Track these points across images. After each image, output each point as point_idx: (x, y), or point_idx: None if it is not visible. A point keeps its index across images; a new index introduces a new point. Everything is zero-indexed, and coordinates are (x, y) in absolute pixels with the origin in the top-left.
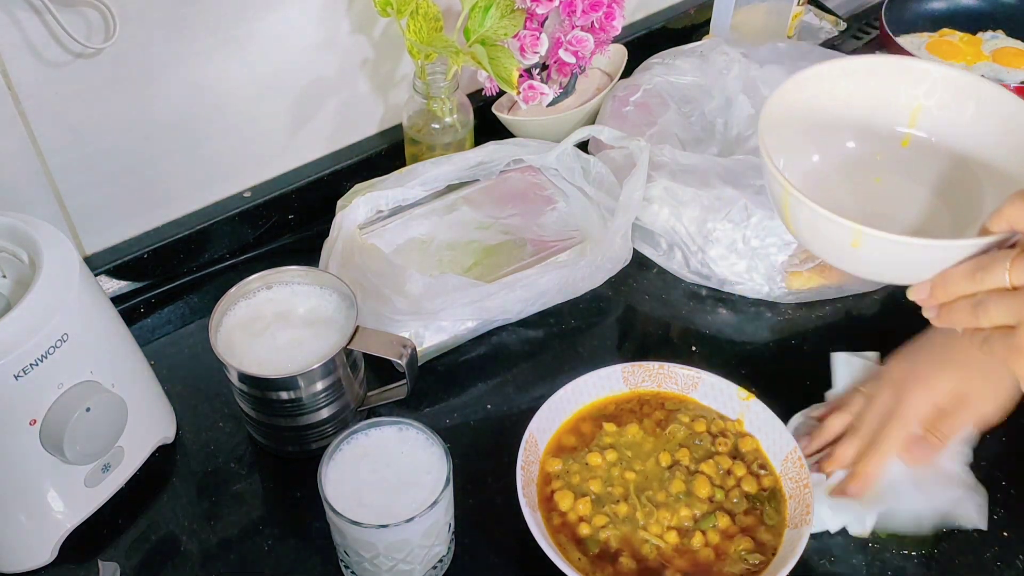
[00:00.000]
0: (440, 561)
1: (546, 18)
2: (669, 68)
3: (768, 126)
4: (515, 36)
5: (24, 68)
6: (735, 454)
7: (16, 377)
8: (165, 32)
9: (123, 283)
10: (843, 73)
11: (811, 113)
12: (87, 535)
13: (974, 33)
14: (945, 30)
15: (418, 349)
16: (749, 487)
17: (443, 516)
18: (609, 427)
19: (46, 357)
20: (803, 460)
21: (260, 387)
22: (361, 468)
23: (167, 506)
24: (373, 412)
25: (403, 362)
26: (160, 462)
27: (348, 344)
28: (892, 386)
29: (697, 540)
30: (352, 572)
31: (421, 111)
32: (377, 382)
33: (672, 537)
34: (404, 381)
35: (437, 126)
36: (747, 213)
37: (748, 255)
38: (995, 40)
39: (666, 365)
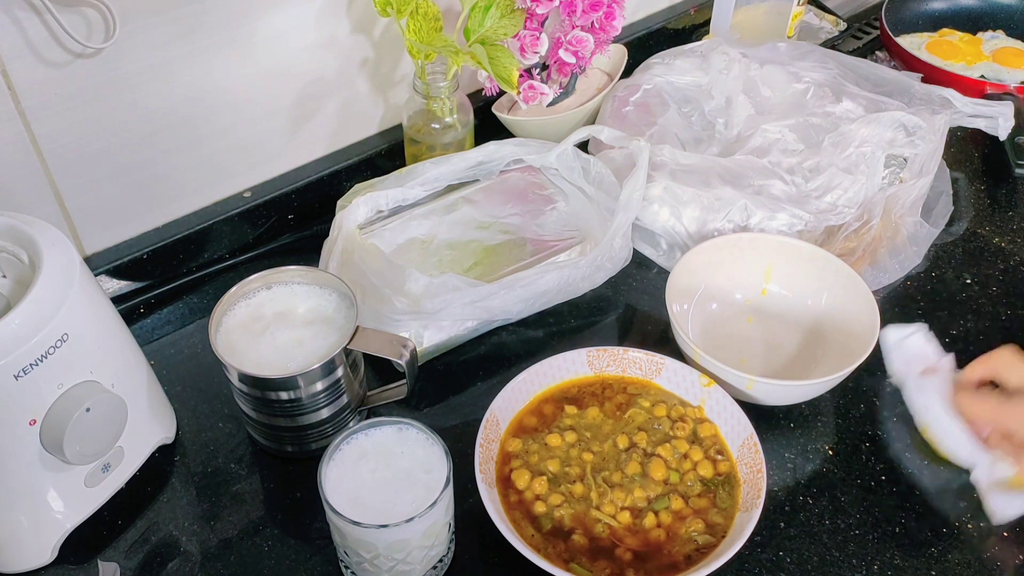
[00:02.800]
0: (440, 561)
1: (546, 18)
2: (669, 68)
3: (675, 290)
4: (515, 36)
5: (24, 68)
6: (693, 439)
7: (16, 377)
8: (165, 32)
9: (123, 283)
10: (715, 247)
11: (706, 274)
12: (87, 535)
13: (974, 33)
14: (945, 30)
15: (418, 349)
16: (705, 471)
17: (443, 516)
18: (570, 409)
19: (46, 357)
20: (759, 446)
21: (260, 387)
22: (361, 468)
23: (167, 506)
24: (373, 412)
25: (403, 362)
26: (160, 462)
27: (348, 344)
28: None
29: (649, 520)
30: (352, 572)
31: (421, 111)
32: (377, 382)
33: (625, 517)
34: (404, 381)
35: (437, 126)
36: (747, 213)
37: None
38: (995, 40)
39: (630, 350)
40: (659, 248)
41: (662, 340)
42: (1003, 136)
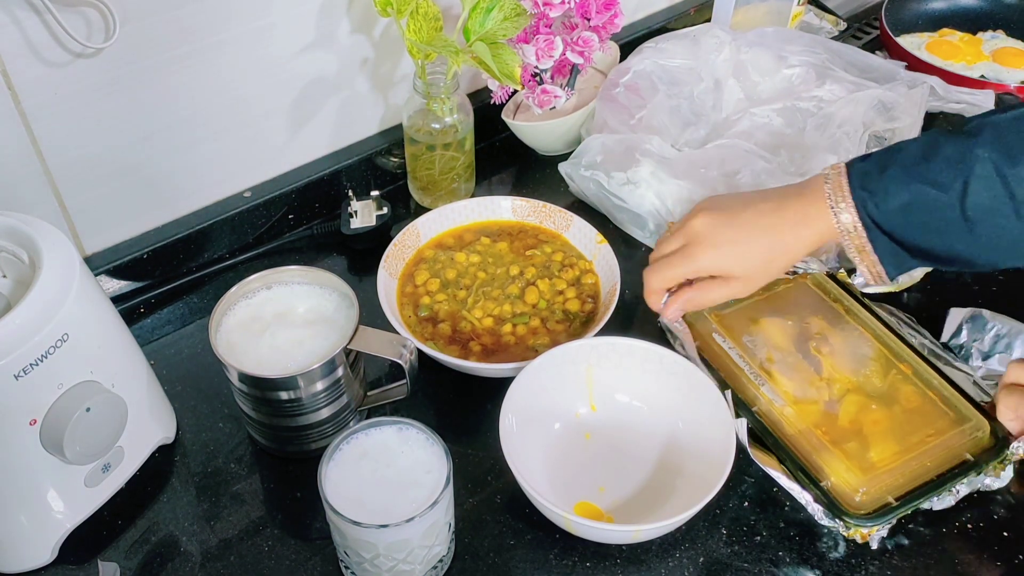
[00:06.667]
0: (440, 561)
1: (554, 21)
2: (660, 51)
3: (512, 413)
4: (528, 41)
5: (24, 68)
6: (575, 283)
7: (16, 377)
8: (165, 32)
9: (123, 283)
10: (540, 366)
11: (543, 395)
12: (87, 535)
13: (974, 33)
14: (945, 30)
15: None
16: (572, 307)
17: (443, 516)
18: (486, 240)
19: (46, 357)
20: (618, 292)
21: (260, 387)
22: (361, 468)
23: (167, 506)
24: (373, 412)
25: (403, 362)
26: (160, 462)
27: (348, 344)
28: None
29: (506, 328)
30: (352, 572)
31: (421, 111)
32: (377, 382)
33: (488, 322)
34: (404, 381)
35: (437, 126)
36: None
37: None
38: (995, 40)
39: (548, 205)
40: (646, 229)
41: (644, 319)
42: None
